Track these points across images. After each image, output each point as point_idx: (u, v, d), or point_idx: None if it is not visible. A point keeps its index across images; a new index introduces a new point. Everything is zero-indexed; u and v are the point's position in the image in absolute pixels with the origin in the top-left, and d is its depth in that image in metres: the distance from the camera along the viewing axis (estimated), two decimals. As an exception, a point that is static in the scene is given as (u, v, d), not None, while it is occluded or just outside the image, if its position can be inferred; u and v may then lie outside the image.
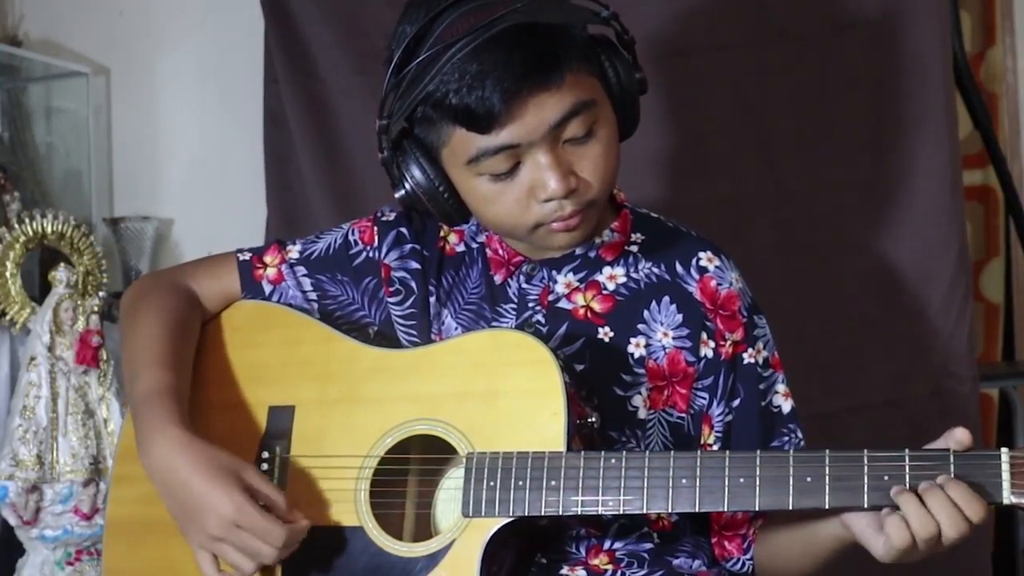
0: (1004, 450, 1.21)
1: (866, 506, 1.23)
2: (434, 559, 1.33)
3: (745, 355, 1.46)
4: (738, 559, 1.47)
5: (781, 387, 1.49)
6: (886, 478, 1.22)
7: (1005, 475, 1.20)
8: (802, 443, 1.47)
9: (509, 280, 1.49)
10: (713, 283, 1.47)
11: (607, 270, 1.48)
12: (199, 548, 1.36)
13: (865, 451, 1.24)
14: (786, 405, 1.48)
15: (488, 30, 1.28)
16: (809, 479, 1.24)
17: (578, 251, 1.47)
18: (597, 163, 1.36)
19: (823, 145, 2.12)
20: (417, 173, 1.39)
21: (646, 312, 1.46)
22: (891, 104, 2.10)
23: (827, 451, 1.25)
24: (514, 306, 1.48)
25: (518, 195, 1.36)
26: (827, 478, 1.23)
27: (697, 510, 1.27)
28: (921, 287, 2.12)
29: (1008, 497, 1.20)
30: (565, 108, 1.32)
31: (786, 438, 1.47)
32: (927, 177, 2.10)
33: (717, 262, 1.49)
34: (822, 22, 2.11)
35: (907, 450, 1.23)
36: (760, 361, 1.47)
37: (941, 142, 2.09)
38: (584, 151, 1.36)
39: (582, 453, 1.30)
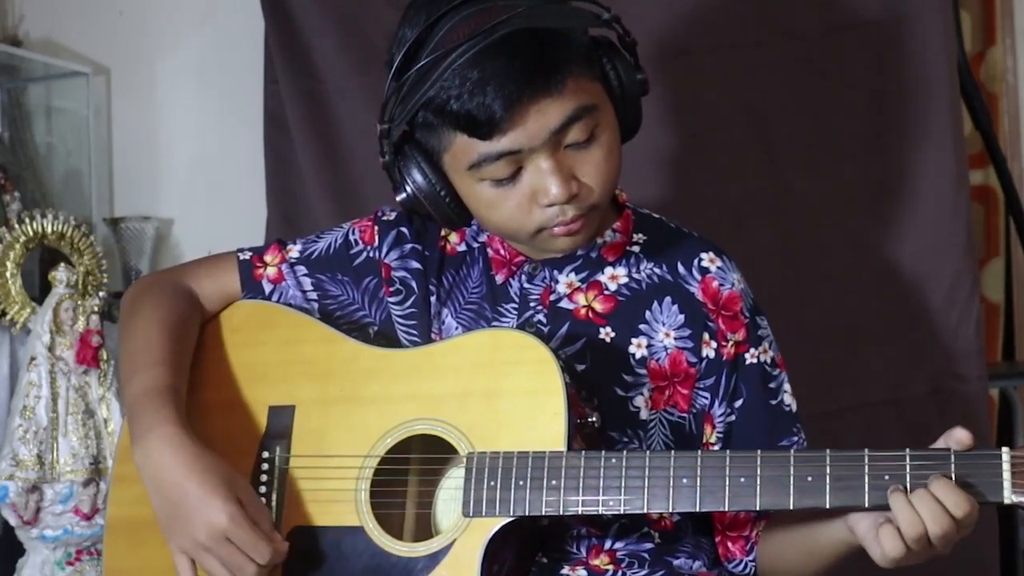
0: (1005, 449, 1.20)
1: (867, 505, 1.23)
2: (435, 559, 1.33)
3: (747, 355, 1.46)
4: (741, 560, 1.47)
5: (787, 386, 1.49)
6: (887, 477, 1.22)
7: (1006, 475, 1.20)
8: (804, 444, 1.47)
9: (511, 280, 1.48)
10: (715, 284, 1.47)
11: (609, 270, 1.48)
12: (179, 552, 1.34)
13: (866, 450, 1.23)
14: (794, 405, 1.48)
15: (489, 36, 1.28)
16: (810, 479, 1.24)
17: (580, 251, 1.47)
18: (599, 167, 1.36)
19: (825, 144, 2.12)
20: (418, 177, 1.39)
21: (648, 312, 1.46)
22: (893, 103, 2.10)
23: (828, 451, 1.24)
24: (515, 306, 1.47)
25: (520, 200, 1.36)
26: (828, 478, 1.23)
27: (698, 510, 1.27)
28: (923, 286, 2.12)
29: (1009, 496, 1.19)
30: (567, 114, 1.32)
31: (795, 438, 1.47)
32: (930, 175, 2.10)
33: (719, 263, 1.49)
34: (823, 22, 2.11)
35: (908, 450, 1.23)
36: (769, 360, 1.47)
37: (944, 140, 2.08)
38: (586, 156, 1.35)
39: (583, 453, 1.30)
